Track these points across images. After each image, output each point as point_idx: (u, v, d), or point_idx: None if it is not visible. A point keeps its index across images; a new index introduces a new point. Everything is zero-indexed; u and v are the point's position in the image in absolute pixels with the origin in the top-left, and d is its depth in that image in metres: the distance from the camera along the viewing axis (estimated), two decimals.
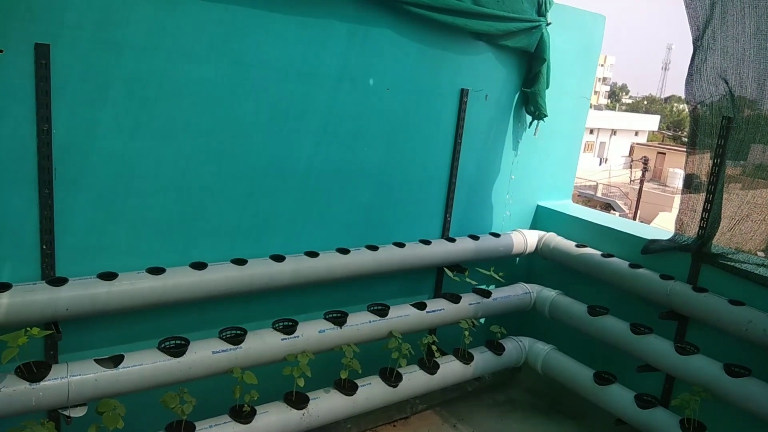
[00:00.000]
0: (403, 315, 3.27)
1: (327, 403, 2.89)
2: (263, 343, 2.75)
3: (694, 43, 3.37)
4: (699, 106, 3.38)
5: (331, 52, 3.03)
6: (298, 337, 2.85)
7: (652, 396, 3.15)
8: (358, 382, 3.04)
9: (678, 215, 3.45)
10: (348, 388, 2.98)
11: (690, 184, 3.42)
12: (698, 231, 3.27)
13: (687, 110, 3.55)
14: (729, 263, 3.14)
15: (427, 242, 3.57)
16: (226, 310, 2.96)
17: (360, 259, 3.24)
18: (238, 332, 2.73)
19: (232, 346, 2.64)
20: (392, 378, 3.13)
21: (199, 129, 2.72)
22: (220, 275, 2.76)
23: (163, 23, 2.52)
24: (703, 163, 3.35)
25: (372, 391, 3.06)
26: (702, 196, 3.29)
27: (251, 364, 2.71)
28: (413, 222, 3.66)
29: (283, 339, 2.80)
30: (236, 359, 2.65)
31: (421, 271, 3.65)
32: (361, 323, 3.10)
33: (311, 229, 3.22)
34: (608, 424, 3.35)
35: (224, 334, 2.70)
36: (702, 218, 3.25)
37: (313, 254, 3.10)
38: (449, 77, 3.56)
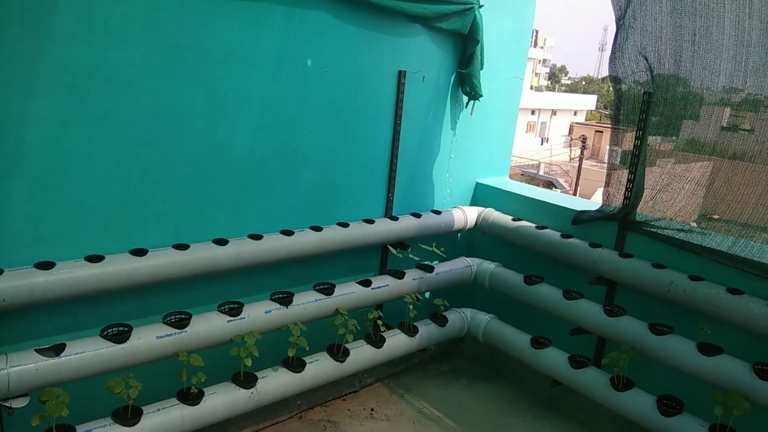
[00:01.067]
0: (349, 292, 3.35)
1: (275, 381, 2.95)
2: (209, 325, 2.77)
3: (616, 22, 3.55)
4: (622, 82, 3.58)
5: (268, 35, 3.04)
6: (244, 318, 2.88)
7: (584, 357, 3.35)
8: (306, 359, 3.11)
9: (605, 187, 3.66)
10: (296, 365, 3.04)
11: (615, 157, 3.63)
12: (623, 201, 3.48)
13: (611, 85, 3.74)
14: (652, 230, 3.37)
15: (370, 221, 3.65)
16: (170, 295, 2.96)
17: (304, 240, 3.29)
18: (183, 316, 2.74)
19: (176, 330, 2.66)
20: (340, 354, 3.21)
21: (134, 114, 2.69)
22: (161, 261, 2.75)
23: (92, 7, 2.47)
24: (627, 136, 3.56)
25: (320, 367, 3.14)
26: (627, 168, 3.50)
27: (197, 347, 2.73)
28: (357, 202, 3.73)
29: (229, 321, 2.83)
30: (181, 343, 2.66)
31: (366, 250, 3.73)
32: (308, 302, 3.16)
33: (255, 213, 3.24)
34: (545, 385, 3.55)
35: (169, 318, 2.71)
36: (626, 189, 3.46)
37: (256, 237, 3.13)
38: (387, 59, 3.62)
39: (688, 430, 2.80)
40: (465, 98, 4.09)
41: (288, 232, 3.26)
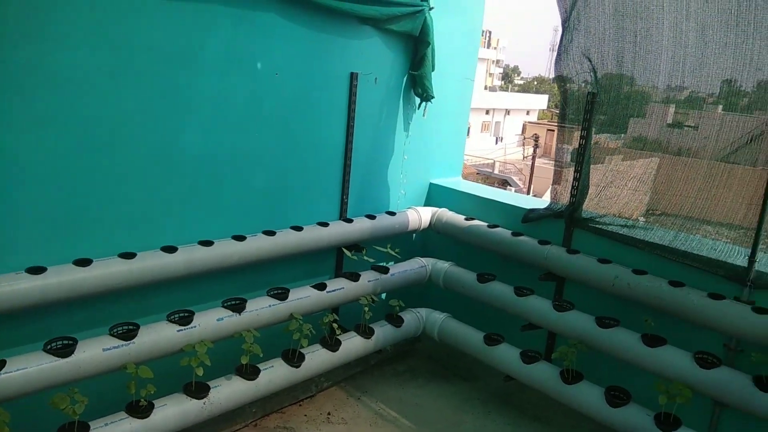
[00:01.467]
0: (303, 297, 3.32)
1: (228, 390, 2.90)
2: (158, 336, 2.71)
3: (562, 24, 3.65)
4: (567, 82, 3.68)
5: (217, 37, 2.99)
6: (194, 327, 2.82)
7: (536, 351, 3.43)
8: (261, 366, 3.07)
9: (553, 185, 3.75)
10: (250, 372, 3.00)
11: (561, 154, 3.73)
12: (570, 198, 3.57)
13: (557, 86, 3.84)
14: (597, 226, 3.47)
15: (325, 224, 3.64)
16: (117, 305, 2.87)
17: (257, 245, 3.25)
18: (131, 327, 2.67)
19: (124, 342, 2.58)
20: (295, 359, 3.19)
21: (78, 117, 2.60)
22: (107, 271, 2.67)
23: (33, 8, 2.37)
24: (573, 135, 3.66)
25: (275, 373, 3.10)
26: (573, 167, 3.60)
27: (147, 359, 2.66)
28: (311, 205, 3.71)
29: (179, 330, 2.77)
30: (129, 355, 2.59)
31: (320, 253, 3.72)
32: (261, 308, 3.12)
33: (205, 218, 3.18)
34: (499, 381, 3.62)
35: (115, 330, 2.63)
36: (573, 186, 3.56)
37: (207, 243, 3.07)
38: (339, 61, 3.62)
39: (634, 419, 2.90)
40: (417, 100, 4.12)
41: (240, 238, 3.21)
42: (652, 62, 3.35)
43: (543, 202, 3.93)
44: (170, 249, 2.92)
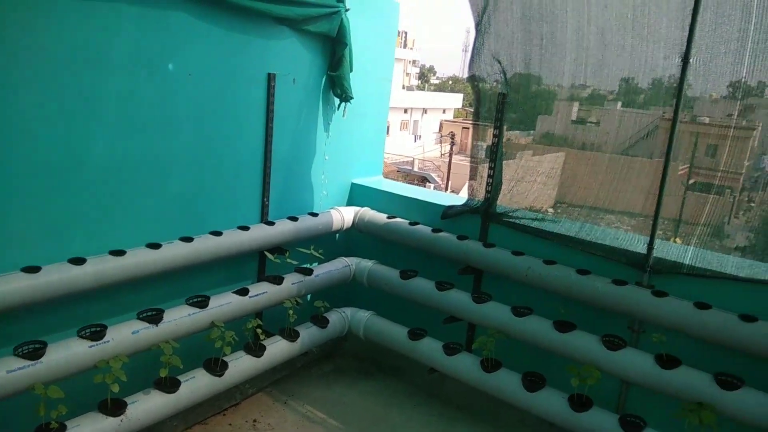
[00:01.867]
0: (225, 303, 3.25)
1: (147, 405, 2.78)
2: (68, 353, 2.56)
3: (475, 28, 3.78)
4: (480, 83, 3.82)
5: (124, 37, 2.86)
6: (108, 342, 2.69)
7: (457, 343, 3.55)
8: (181, 377, 2.97)
9: (469, 181, 3.88)
10: (169, 385, 2.90)
11: (477, 152, 3.87)
12: (485, 194, 3.72)
13: (470, 86, 3.98)
14: (510, 220, 3.64)
15: (245, 228, 3.57)
16: (21, 323, 2.68)
17: (173, 253, 3.14)
18: (38, 346, 2.50)
19: (30, 362, 2.42)
20: (218, 368, 3.11)
21: None
22: (8, 287, 2.49)
23: None
24: (486, 133, 3.81)
25: (196, 384, 3.01)
26: (487, 164, 3.75)
27: (57, 378, 2.51)
28: (231, 209, 3.63)
29: (91, 346, 2.63)
30: (37, 375, 2.43)
31: (242, 258, 3.64)
32: (180, 318, 3.02)
33: (117, 226, 3.03)
34: (424, 374, 3.70)
35: (21, 350, 2.46)
36: (487, 183, 3.71)
37: (119, 253, 2.93)
38: (256, 62, 3.56)
39: (550, 401, 3.06)
40: (336, 100, 4.13)
41: (155, 245, 3.09)
42: (557, 64, 3.54)
43: (461, 198, 4.06)
44: (78, 261, 2.76)
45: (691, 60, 2.98)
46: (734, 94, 3.13)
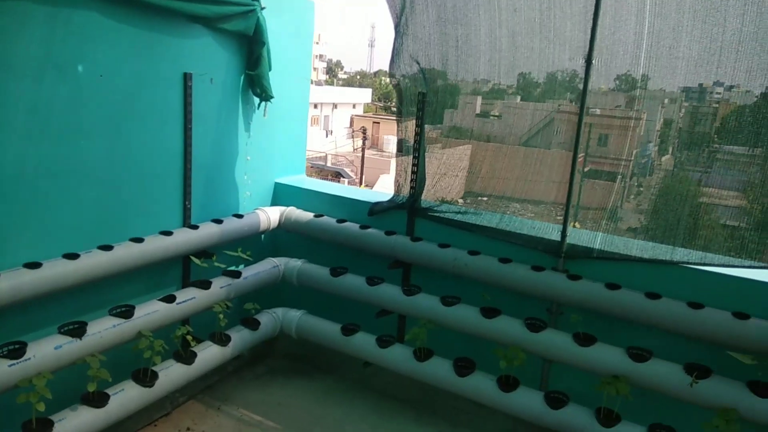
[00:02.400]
0: (151, 312, 3.15)
1: (75, 422, 2.65)
2: None
3: (395, 29, 3.87)
4: (401, 81, 3.93)
5: (29, 37, 2.68)
6: (29, 359, 2.54)
7: (390, 335, 3.64)
8: (110, 390, 2.85)
9: (395, 178, 3.99)
10: (98, 400, 2.78)
11: (401, 149, 3.97)
12: (410, 190, 3.84)
13: (391, 85, 4.08)
14: (435, 214, 3.78)
15: (168, 233, 3.46)
16: None
17: (93, 262, 3.00)
18: None
19: None
20: (147, 378, 3.02)
21: None
22: None
23: None
24: (409, 130, 3.92)
25: (126, 396, 2.91)
26: (411, 159, 3.87)
27: None
28: (151, 214, 3.51)
29: (11, 365, 2.47)
30: None
31: (166, 264, 3.53)
32: (105, 329, 2.90)
33: (30, 238, 2.85)
34: (359, 368, 3.78)
35: None
36: (412, 179, 3.83)
37: (34, 265, 2.76)
38: (171, 62, 3.45)
39: (480, 384, 3.23)
40: (256, 100, 4.08)
41: (73, 256, 2.93)
42: (472, 65, 3.72)
43: (386, 195, 4.15)
44: None
45: (593, 61, 3.24)
46: (621, 86, 3.44)
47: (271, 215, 4.14)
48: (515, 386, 3.16)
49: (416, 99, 3.79)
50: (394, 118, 4.02)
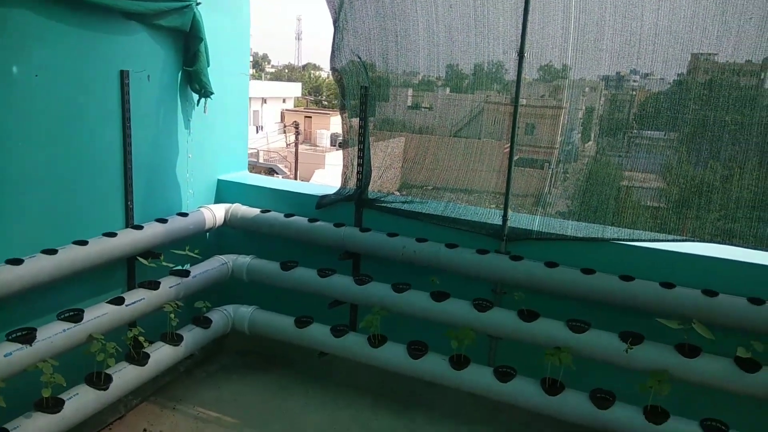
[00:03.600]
0: (101, 315, 3.09)
1: (30, 429, 2.59)
2: None
3: (334, 24, 3.93)
4: (342, 76, 3.99)
5: None
6: None
7: (344, 325, 3.73)
8: (64, 395, 2.79)
9: (342, 170, 4.07)
10: (52, 405, 2.71)
11: (346, 143, 4.05)
12: (357, 182, 3.93)
13: (333, 79, 4.13)
14: (382, 204, 3.89)
15: (112, 234, 3.39)
16: None
17: (37, 267, 2.91)
18: None
19: None
20: (101, 381, 2.97)
21: None
22: None
23: None
24: (352, 124, 4.00)
25: (81, 401, 2.85)
26: (356, 153, 3.95)
27: None
28: (92, 215, 3.43)
29: None
30: None
31: (112, 265, 3.46)
32: (55, 334, 2.82)
33: None
34: (314, 359, 3.84)
35: None
36: (358, 171, 3.92)
37: None
38: (107, 59, 3.36)
39: (433, 365, 3.38)
40: (196, 96, 4.04)
41: (16, 261, 2.83)
42: (412, 59, 3.84)
43: (333, 188, 4.21)
44: None
45: (525, 54, 3.43)
46: (545, 76, 3.66)
47: (216, 213, 4.11)
48: (466, 364, 3.33)
49: (359, 92, 3.87)
50: (326, 112, 4.08)
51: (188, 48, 3.89)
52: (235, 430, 3.39)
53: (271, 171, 23.38)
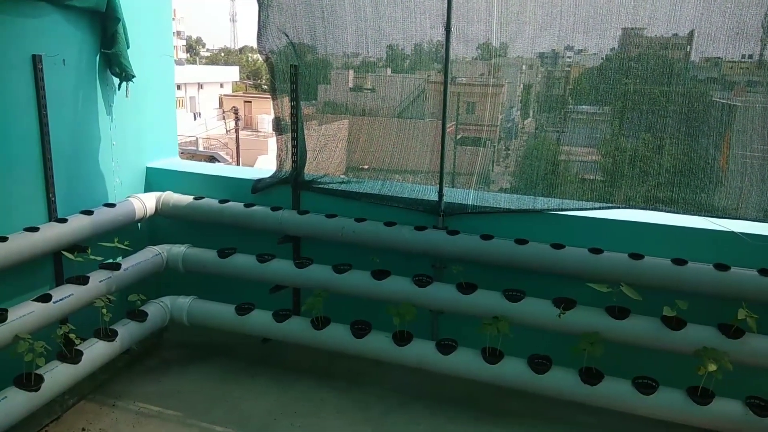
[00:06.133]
0: (26, 314, 2.94)
1: None
2: None
3: (258, 2, 3.81)
4: (271, 56, 3.89)
5: None
6: None
7: (287, 309, 3.69)
8: None
9: (277, 153, 3.99)
10: None
11: (279, 126, 3.97)
12: (292, 165, 3.86)
13: (263, 60, 4.03)
14: (319, 186, 3.85)
15: (34, 229, 3.23)
16: None
17: None
18: None
19: None
20: (32, 383, 2.83)
21: None
22: None
23: None
24: (285, 106, 3.92)
25: (10, 404, 2.72)
26: (290, 135, 3.88)
27: None
28: (12, 210, 3.26)
29: None
30: None
31: (35, 262, 3.29)
32: None
33: None
34: (258, 345, 3.79)
35: None
36: (293, 153, 3.85)
37: None
38: (17, 43, 3.17)
39: (377, 343, 3.40)
40: (117, 80, 3.85)
41: None
42: (340, 35, 3.78)
43: (268, 171, 4.13)
44: None
45: (452, 29, 3.44)
46: (483, 55, 3.70)
47: (146, 202, 3.97)
48: (409, 340, 3.36)
49: (289, 73, 3.79)
50: (267, 96, 3.99)
51: (105, 29, 3.71)
52: (178, 422, 3.32)
53: (211, 159, 22.77)
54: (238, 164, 20.70)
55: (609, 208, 3.42)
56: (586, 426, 3.32)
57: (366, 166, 3.98)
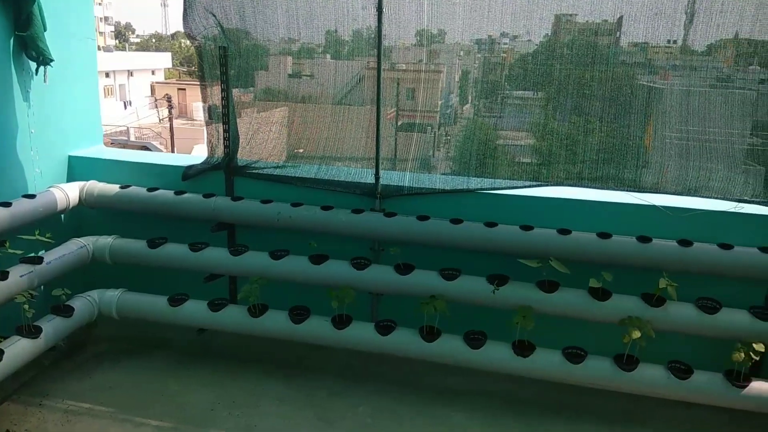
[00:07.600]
0: None
1: None
2: None
3: None
4: (199, 39, 3.76)
5: None
6: None
7: (222, 298, 3.61)
8: None
9: (207, 139, 3.87)
10: None
11: (211, 116, 3.85)
12: (224, 150, 3.77)
13: (190, 43, 3.90)
14: (253, 171, 3.77)
15: None
16: None
17: None
18: None
19: None
20: None
21: None
22: None
23: None
24: (215, 91, 3.80)
25: None
26: (221, 119, 3.77)
27: None
28: None
29: None
30: None
31: None
32: None
33: None
34: (193, 336, 3.70)
35: None
36: (224, 138, 3.75)
37: None
38: None
39: (316, 328, 3.38)
40: (34, 64, 3.63)
41: None
42: (270, 15, 3.69)
43: (198, 157, 4.01)
44: None
45: (384, 9, 3.42)
46: (421, 41, 3.71)
47: (69, 192, 3.77)
48: (348, 323, 3.36)
49: (218, 55, 3.68)
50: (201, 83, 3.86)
51: (19, 10, 3.48)
52: (110, 418, 3.20)
53: (144, 149, 21.93)
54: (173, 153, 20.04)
55: (539, 185, 3.52)
56: (523, 399, 3.43)
57: (301, 150, 3.93)
